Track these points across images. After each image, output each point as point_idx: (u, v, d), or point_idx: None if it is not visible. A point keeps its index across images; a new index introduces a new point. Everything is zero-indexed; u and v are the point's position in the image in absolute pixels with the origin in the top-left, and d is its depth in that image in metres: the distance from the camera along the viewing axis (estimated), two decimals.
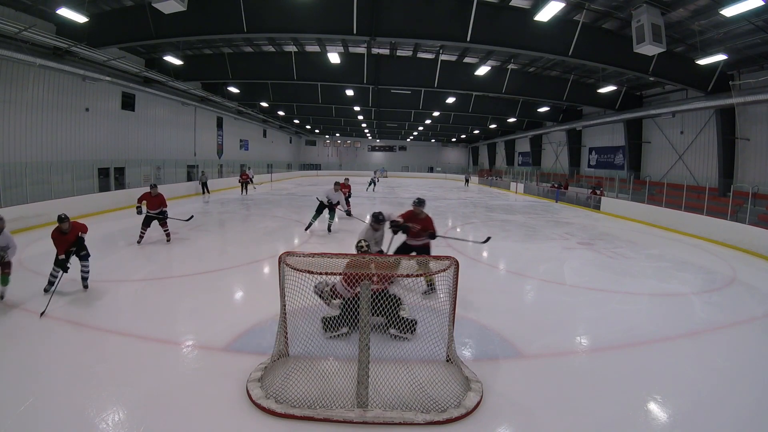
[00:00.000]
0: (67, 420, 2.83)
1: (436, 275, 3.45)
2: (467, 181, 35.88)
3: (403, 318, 4.11)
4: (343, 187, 11.84)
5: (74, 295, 5.42)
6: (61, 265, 5.30)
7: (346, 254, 3.50)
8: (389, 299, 3.79)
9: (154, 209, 8.45)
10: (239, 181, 20.47)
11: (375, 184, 25.70)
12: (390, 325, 4.10)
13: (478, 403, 3.12)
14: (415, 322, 4.04)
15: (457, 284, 3.47)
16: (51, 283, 5.34)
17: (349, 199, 12.97)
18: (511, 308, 5.33)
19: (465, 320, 4.69)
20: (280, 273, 3.38)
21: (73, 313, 4.68)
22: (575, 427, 2.97)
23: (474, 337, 4.40)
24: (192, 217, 9.63)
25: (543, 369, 3.80)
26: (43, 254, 7.46)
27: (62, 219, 5.47)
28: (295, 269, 3.20)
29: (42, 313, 4.61)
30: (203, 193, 18.83)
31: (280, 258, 3.37)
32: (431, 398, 3.11)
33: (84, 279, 5.64)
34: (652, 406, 3.24)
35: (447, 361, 3.56)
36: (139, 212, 8.45)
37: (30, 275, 6.18)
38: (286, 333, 3.61)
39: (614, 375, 3.76)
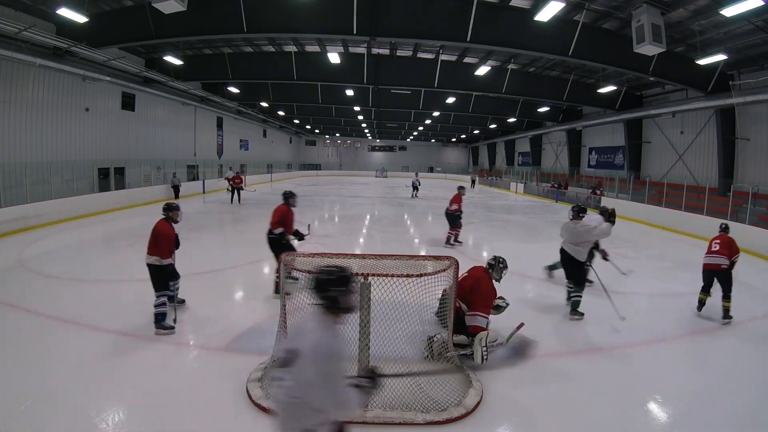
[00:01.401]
0: (67, 420, 2.84)
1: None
2: (474, 182, 34.23)
3: (440, 353, 3.61)
4: (458, 201, 9.11)
5: (75, 294, 5.42)
6: (175, 275, 4.34)
7: (347, 254, 3.50)
8: (451, 318, 3.52)
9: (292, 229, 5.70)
10: (231, 186, 16.50)
11: (417, 190, 21.73)
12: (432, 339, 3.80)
13: (479, 403, 3.12)
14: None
15: (457, 284, 3.47)
16: (164, 315, 4.22)
17: (460, 219, 9.28)
18: (511, 308, 5.31)
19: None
20: (280, 273, 3.38)
21: (73, 314, 4.67)
22: (575, 427, 2.97)
23: None
24: (309, 226, 6.64)
25: (543, 369, 3.80)
26: (43, 254, 7.48)
27: (175, 206, 4.41)
28: (295, 269, 3.19)
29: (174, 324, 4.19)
30: (176, 197, 16.47)
31: (280, 258, 3.37)
32: (431, 398, 3.11)
33: (176, 296, 4.68)
34: (652, 406, 3.25)
35: (447, 361, 3.56)
36: (301, 238, 5.71)
37: (30, 275, 6.18)
38: (286, 333, 3.61)
39: (614, 375, 3.76)
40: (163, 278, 4.25)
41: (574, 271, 5.10)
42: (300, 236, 5.73)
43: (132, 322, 4.51)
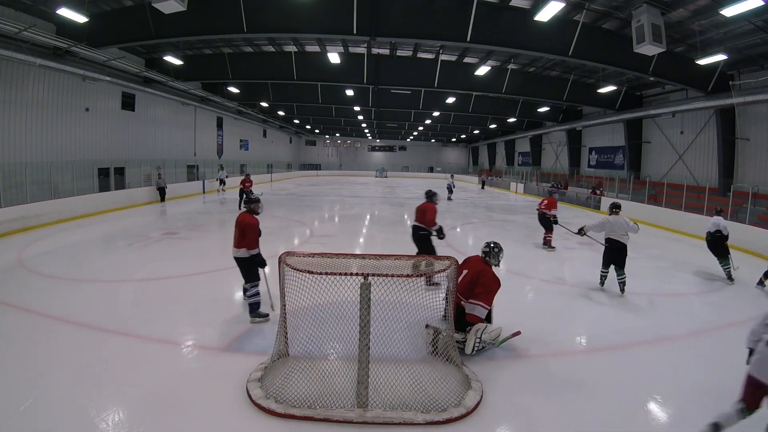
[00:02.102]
0: (67, 420, 2.83)
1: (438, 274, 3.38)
2: (483, 184, 32.44)
3: (445, 349, 3.61)
4: (555, 206, 9.12)
5: (75, 294, 5.42)
6: (263, 263, 4.46)
7: (347, 254, 3.50)
8: (451, 315, 3.58)
9: None
10: (240, 189, 14.10)
11: (452, 192, 20.84)
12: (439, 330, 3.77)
13: (479, 403, 3.11)
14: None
15: (456, 284, 3.47)
16: (258, 304, 4.45)
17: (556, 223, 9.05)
18: (511, 308, 5.32)
19: None
20: (280, 273, 3.38)
21: (73, 313, 4.67)
22: (575, 427, 2.97)
23: None
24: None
25: (543, 369, 3.80)
26: (43, 254, 7.48)
27: (255, 199, 4.60)
28: (295, 269, 3.19)
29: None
30: (161, 200, 15.72)
31: (280, 258, 3.36)
32: (431, 398, 3.10)
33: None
34: (652, 406, 3.24)
35: (447, 360, 3.56)
36: (442, 237, 5.79)
37: (30, 275, 6.18)
38: (286, 333, 3.61)
39: (614, 375, 3.75)
40: (254, 268, 4.41)
41: (622, 257, 5.83)
42: (441, 235, 6.12)
43: (132, 321, 4.52)
